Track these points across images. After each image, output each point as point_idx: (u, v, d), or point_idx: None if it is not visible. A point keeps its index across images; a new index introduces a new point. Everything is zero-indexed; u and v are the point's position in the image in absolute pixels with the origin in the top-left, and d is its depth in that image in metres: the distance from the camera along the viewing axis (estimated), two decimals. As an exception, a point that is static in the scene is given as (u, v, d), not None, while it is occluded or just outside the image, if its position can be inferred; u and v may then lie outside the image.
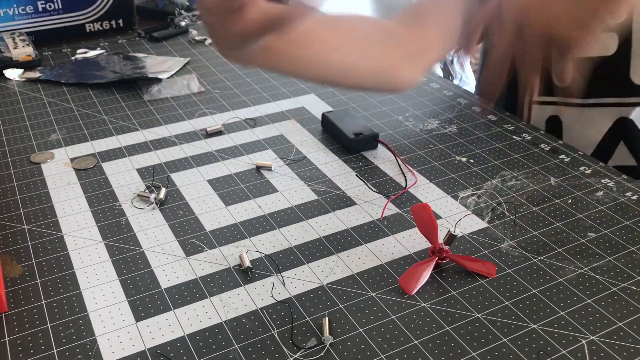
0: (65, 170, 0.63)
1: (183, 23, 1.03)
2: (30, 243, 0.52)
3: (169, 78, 0.83)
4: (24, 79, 0.84)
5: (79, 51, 0.93)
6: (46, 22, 0.95)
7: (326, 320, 0.44)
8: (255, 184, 0.61)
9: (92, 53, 0.92)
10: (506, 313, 0.45)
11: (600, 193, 0.59)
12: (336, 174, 0.62)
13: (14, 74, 0.84)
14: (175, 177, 0.62)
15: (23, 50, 0.87)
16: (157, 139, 0.69)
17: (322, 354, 0.42)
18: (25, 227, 0.54)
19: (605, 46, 0.68)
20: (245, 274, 0.49)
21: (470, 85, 1.91)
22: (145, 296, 0.47)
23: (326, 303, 0.46)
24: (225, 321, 0.45)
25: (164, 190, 0.59)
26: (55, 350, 0.42)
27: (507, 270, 0.50)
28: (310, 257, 0.51)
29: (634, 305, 0.46)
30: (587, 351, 0.42)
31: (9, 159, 0.65)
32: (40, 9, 0.94)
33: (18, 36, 0.91)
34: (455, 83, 0.84)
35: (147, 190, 0.59)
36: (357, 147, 0.66)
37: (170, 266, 0.50)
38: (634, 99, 0.73)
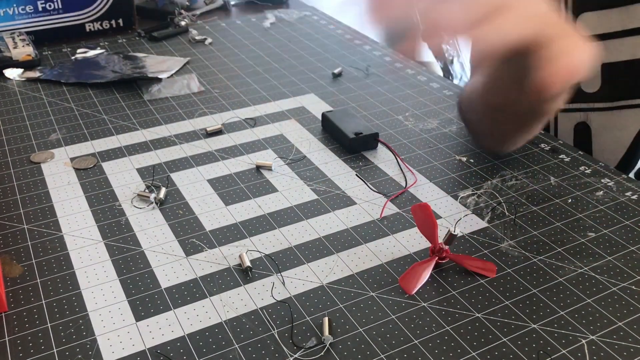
0: (65, 170, 0.63)
1: (183, 23, 1.03)
2: (30, 243, 0.52)
3: (169, 78, 0.83)
4: (24, 79, 0.84)
5: (79, 51, 0.93)
6: (46, 21, 0.95)
7: (326, 320, 0.44)
8: (255, 184, 0.61)
9: (92, 53, 0.92)
10: (506, 313, 0.45)
11: (600, 193, 0.59)
12: (336, 174, 0.62)
13: (13, 73, 0.84)
14: (175, 176, 0.62)
15: (23, 50, 0.87)
16: (157, 138, 0.69)
17: (322, 353, 0.42)
18: (25, 226, 0.54)
19: (632, 51, 0.68)
20: (245, 274, 0.49)
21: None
22: (145, 296, 0.47)
23: (326, 303, 0.46)
24: (225, 321, 0.45)
25: (164, 190, 0.59)
26: (55, 350, 0.42)
27: (507, 270, 0.50)
28: (310, 257, 0.51)
29: (634, 305, 0.46)
30: (587, 351, 0.42)
31: (9, 159, 0.65)
32: (40, 9, 0.94)
33: (18, 36, 0.91)
34: (455, 83, 0.84)
35: (147, 190, 0.59)
36: (357, 147, 0.66)
37: (170, 266, 0.50)
38: None
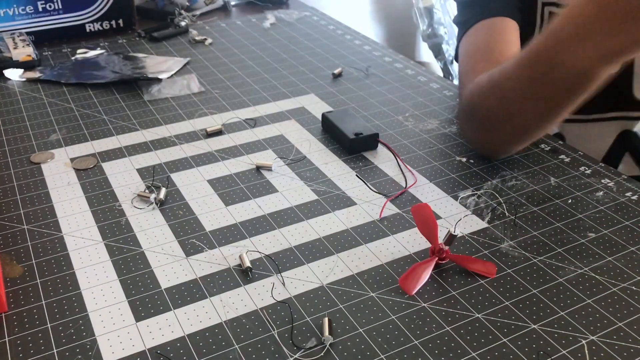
0: (65, 170, 0.63)
1: (183, 23, 1.03)
2: (30, 243, 0.52)
3: (169, 78, 0.83)
4: (24, 79, 0.84)
5: (79, 51, 0.93)
6: (46, 22, 0.95)
7: (326, 320, 0.44)
8: (255, 184, 0.61)
9: (92, 53, 0.92)
10: (506, 313, 0.45)
11: (600, 193, 0.59)
12: (336, 174, 0.62)
13: (14, 74, 0.84)
14: (175, 177, 0.62)
15: (23, 50, 0.87)
16: (157, 139, 0.69)
17: (322, 354, 0.42)
18: (25, 227, 0.54)
19: None
20: (245, 274, 0.49)
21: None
22: (145, 296, 0.47)
23: (326, 303, 0.46)
24: (225, 321, 0.45)
25: (164, 190, 0.59)
26: (55, 350, 0.42)
27: (507, 270, 0.50)
28: (310, 257, 0.51)
29: (634, 305, 0.46)
30: (587, 351, 0.42)
31: (9, 159, 0.65)
32: (40, 9, 0.94)
33: (18, 36, 0.91)
34: (455, 83, 0.84)
35: (147, 190, 0.59)
36: (357, 147, 0.66)
37: (170, 266, 0.50)
38: (637, 113, 0.73)
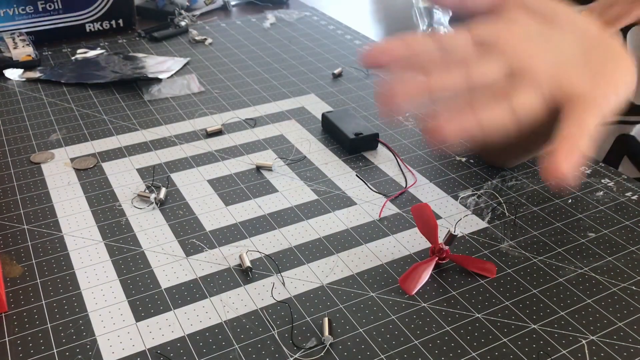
0: (65, 170, 0.63)
1: (183, 23, 1.03)
2: (30, 243, 0.52)
3: (169, 78, 0.83)
4: (24, 79, 0.84)
5: (79, 51, 0.93)
6: (46, 22, 0.95)
7: (326, 320, 0.44)
8: (255, 184, 0.61)
9: (92, 53, 0.92)
10: (506, 313, 0.45)
11: (600, 193, 0.59)
12: (336, 174, 0.62)
13: (14, 74, 0.84)
14: (175, 177, 0.62)
15: (23, 50, 0.87)
16: (157, 139, 0.69)
17: (322, 354, 0.42)
18: (25, 227, 0.54)
19: None
20: (245, 274, 0.49)
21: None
22: (145, 296, 0.47)
23: (326, 303, 0.46)
24: (225, 321, 0.45)
25: (164, 190, 0.59)
26: (55, 350, 0.42)
27: (507, 270, 0.50)
28: (310, 257, 0.51)
29: (634, 305, 0.46)
30: (587, 351, 0.42)
31: (9, 159, 0.65)
32: (40, 9, 0.94)
33: (18, 36, 0.91)
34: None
35: (147, 190, 0.59)
36: (357, 147, 0.66)
37: (170, 266, 0.50)
38: (634, 118, 0.73)
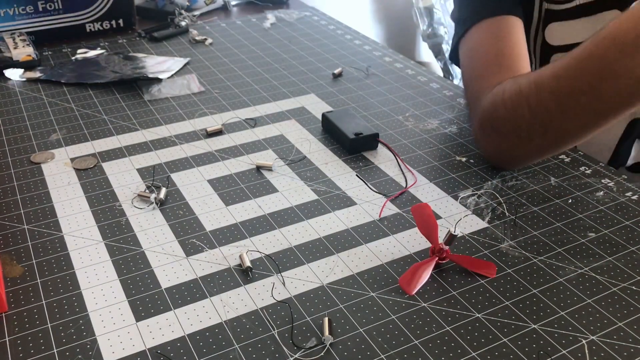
0: (66, 170, 0.63)
1: (183, 23, 1.03)
2: (30, 243, 0.52)
3: (169, 78, 0.83)
4: (24, 79, 0.84)
5: (79, 51, 0.93)
6: (46, 22, 0.95)
7: (326, 320, 0.44)
8: (255, 184, 0.61)
9: (92, 53, 0.92)
10: (506, 313, 0.45)
11: (600, 193, 0.59)
12: (336, 174, 0.62)
13: (14, 74, 0.84)
14: (176, 177, 0.62)
15: (23, 50, 0.87)
16: (157, 139, 0.69)
17: (322, 354, 0.42)
18: (26, 227, 0.54)
19: None
20: (245, 274, 0.49)
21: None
22: (145, 296, 0.47)
23: (326, 303, 0.46)
24: (225, 321, 0.45)
25: (164, 190, 0.59)
26: (55, 350, 0.42)
27: (507, 270, 0.50)
28: (310, 257, 0.51)
29: (634, 305, 0.46)
30: (587, 351, 0.42)
31: (9, 159, 0.65)
32: (40, 9, 0.94)
33: (18, 36, 0.91)
34: (456, 83, 0.84)
35: (147, 190, 0.59)
36: (357, 147, 0.66)
37: (170, 266, 0.50)
38: None
